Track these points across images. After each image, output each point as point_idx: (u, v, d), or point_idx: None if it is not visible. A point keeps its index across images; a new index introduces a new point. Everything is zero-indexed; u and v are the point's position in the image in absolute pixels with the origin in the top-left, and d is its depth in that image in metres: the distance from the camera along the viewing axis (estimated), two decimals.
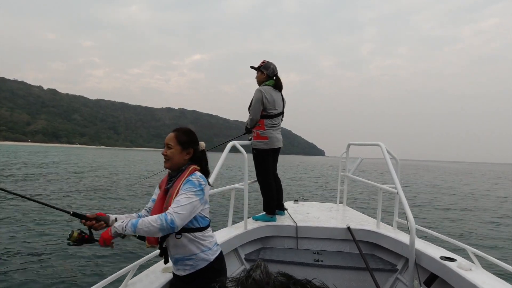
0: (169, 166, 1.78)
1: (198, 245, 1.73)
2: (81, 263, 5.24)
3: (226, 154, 3.11)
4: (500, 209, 13.17)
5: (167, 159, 1.76)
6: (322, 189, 18.08)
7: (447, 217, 10.77)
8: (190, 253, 1.72)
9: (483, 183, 28.54)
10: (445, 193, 18.94)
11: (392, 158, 3.28)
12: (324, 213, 4.03)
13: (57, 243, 6.13)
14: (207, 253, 1.75)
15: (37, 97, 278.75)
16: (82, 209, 9.39)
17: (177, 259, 1.76)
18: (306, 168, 42.37)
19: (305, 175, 27.48)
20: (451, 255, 2.45)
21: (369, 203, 12.16)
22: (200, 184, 1.67)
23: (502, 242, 7.76)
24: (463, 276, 2.09)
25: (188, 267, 1.74)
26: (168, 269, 2.10)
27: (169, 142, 1.76)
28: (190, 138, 1.80)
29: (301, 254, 3.22)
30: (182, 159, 1.77)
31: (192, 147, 1.79)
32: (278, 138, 3.55)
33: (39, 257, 5.37)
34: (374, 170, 38.08)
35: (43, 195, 11.59)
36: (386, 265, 2.98)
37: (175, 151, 1.75)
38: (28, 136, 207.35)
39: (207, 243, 1.76)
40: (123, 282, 1.85)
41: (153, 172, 10.87)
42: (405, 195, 2.80)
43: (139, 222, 1.53)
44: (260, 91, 3.44)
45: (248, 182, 3.28)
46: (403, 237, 2.98)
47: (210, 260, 1.76)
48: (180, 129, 1.82)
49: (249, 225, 3.31)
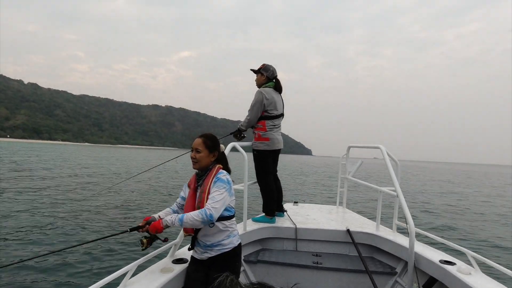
0: (198, 168, 2.05)
1: (226, 232, 2.03)
2: (80, 263, 5.22)
3: (226, 154, 3.06)
4: (488, 210, 13.53)
5: (196, 162, 2.03)
6: (321, 191, 18.10)
7: (445, 221, 10.84)
8: (220, 239, 2.01)
9: (451, 184, 29.27)
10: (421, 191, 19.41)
11: (392, 160, 3.30)
12: (323, 215, 4.04)
13: (56, 242, 6.08)
14: (232, 239, 2.05)
15: (16, 91, 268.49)
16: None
17: (207, 245, 2.03)
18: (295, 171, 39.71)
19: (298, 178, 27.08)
20: (451, 258, 2.46)
21: (369, 206, 12.27)
22: (228, 181, 1.97)
23: (502, 246, 7.85)
24: (462, 280, 2.09)
25: (215, 250, 2.02)
26: (167, 270, 2.10)
27: (198, 147, 2.04)
28: (215, 142, 2.09)
29: (300, 256, 3.20)
30: (209, 161, 2.06)
31: (217, 151, 2.09)
32: (279, 139, 3.53)
33: (36, 258, 5.29)
34: (373, 172, 37.91)
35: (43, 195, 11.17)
36: (385, 268, 2.99)
37: (204, 154, 2.03)
38: (7, 131, 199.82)
39: (233, 231, 2.07)
40: (122, 281, 1.84)
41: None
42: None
43: (184, 217, 1.84)
44: (261, 92, 3.41)
45: (248, 183, 3.25)
46: (402, 240, 3.00)
47: (234, 245, 2.05)
48: (207, 135, 2.09)
49: (249, 226, 3.28)
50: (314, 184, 22.66)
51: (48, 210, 8.79)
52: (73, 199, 10.68)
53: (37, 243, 5.99)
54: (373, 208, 11.06)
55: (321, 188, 19.79)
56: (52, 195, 11.28)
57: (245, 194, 3.14)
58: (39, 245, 5.89)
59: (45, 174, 18.03)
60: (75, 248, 5.71)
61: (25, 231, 6.69)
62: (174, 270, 2.11)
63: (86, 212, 8.92)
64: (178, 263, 2.24)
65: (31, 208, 8.90)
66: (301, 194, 16.07)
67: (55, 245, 5.99)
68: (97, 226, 7.48)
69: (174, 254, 2.39)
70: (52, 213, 8.51)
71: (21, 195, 10.77)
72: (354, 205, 11.74)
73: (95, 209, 9.39)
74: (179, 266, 2.19)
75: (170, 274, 2.05)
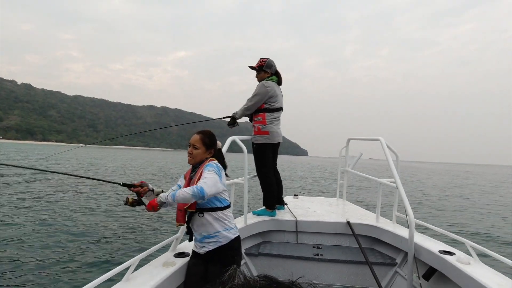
0: (193, 163, 2.09)
1: (220, 223, 1.99)
2: (82, 257, 5.23)
3: (226, 149, 3.05)
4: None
5: (192, 157, 2.06)
6: (321, 186, 18.03)
7: (445, 212, 10.93)
8: (214, 230, 1.98)
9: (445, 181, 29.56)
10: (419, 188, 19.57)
11: (392, 152, 3.32)
12: (323, 208, 4.05)
13: (59, 239, 6.08)
14: (229, 231, 2.02)
15: (9, 92, 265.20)
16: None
17: (203, 237, 2.01)
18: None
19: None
20: (450, 249, 2.48)
21: (369, 198, 12.29)
22: (217, 166, 1.99)
23: (501, 236, 7.97)
24: (461, 269, 2.11)
25: (212, 244, 2.00)
26: (168, 263, 2.10)
27: (195, 143, 2.06)
28: (212, 140, 2.12)
29: (301, 248, 3.21)
30: (204, 157, 2.09)
31: (213, 148, 2.12)
32: (278, 132, 3.53)
33: (41, 252, 5.35)
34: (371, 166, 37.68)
35: None
36: (386, 259, 3.01)
37: (200, 151, 2.06)
38: (0, 133, 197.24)
39: (229, 223, 2.04)
40: (125, 275, 1.84)
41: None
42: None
43: (177, 192, 1.84)
44: (264, 85, 3.40)
45: (248, 177, 3.25)
46: (402, 231, 3.02)
47: (231, 238, 2.01)
48: (205, 132, 2.12)
49: (249, 219, 3.29)
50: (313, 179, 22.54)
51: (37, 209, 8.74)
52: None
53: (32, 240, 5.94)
54: (373, 200, 11.09)
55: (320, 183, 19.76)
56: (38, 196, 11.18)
57: (245, 188, 3.14)
58: (36, 242, 5.83)
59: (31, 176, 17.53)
60: (77, 243, 5.73)
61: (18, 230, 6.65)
62: (176, 264, 2.12)
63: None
64: (180, 257, 2.24)
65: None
66: (300, 187, 16.03)
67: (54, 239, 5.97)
68: None
69: (176, 248, 2.39)
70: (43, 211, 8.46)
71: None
72: (354, 197, 11.76)
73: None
74: (181, 260, 2.19)
75: (172, 268, 2.05)
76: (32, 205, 9.14)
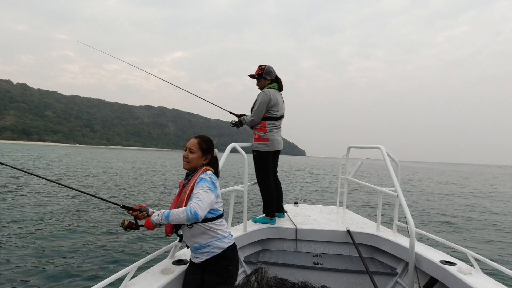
0: (188, 168, 2.05)
1: (212, 233, 1.97)
2: (80, 264, 5.19)
3: (226, 155, 3.03)
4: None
5: (187, 162, 2.02)
6: (321, 192, 18.05)
7: (446, 221, 10.89)
8: (206, 241, 1.97)
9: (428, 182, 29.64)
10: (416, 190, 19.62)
11: (392, 160, 3.31)
12: (324, 216, 4.03)
13: (58, 245, 6.04)
14: (222, 241, 1.99)
15: (5, 92, 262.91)
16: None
17: (196, 248, 2.01)
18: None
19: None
20: (451, 259, 2.47)
21: (369, 206, 12.28)
22: (211, 181, 1.93)
23: (503, 247, 7.92)
24: (463, 280, 2.09)
25: (205, 254, 1.99)
26: (167, 271, 2.09)
27: (192, 147, 2.02)
28: (210, 146, 2.07)
29: (301, 257, 3.19)
30: (200, 163, 2.04)
31: (210, 154, 2.07)
32: (279, 140, 3.51)
33: (36, 259, 5.30)
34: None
35: None
36: (386, 268, 2.99)
37: (196, 156, 2.02)
38: None
39: (221, 232, 2.01)
40: (123, 283, 1.82)
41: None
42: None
43: (170, 214, 1.81)
44: (266, 93, 3.39)
45: (248, 184, 3.22)
46: (403, 241, 3.00)
47: (224, 248, 1.99)
48: (203, 137, 2.08)
49: (249, 227, 3.26)
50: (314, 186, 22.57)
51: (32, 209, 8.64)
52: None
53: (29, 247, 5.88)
54: (373, 208, 11.08)
55: (321, 190, 19.77)
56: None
57: (245, 195, 3.12)
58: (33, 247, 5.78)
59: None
60: (75, 249, 5.68)
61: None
62: (174, 271, 2.10)
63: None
64: (178, 264, 2.22)
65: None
66: (300, 194, 16.04)
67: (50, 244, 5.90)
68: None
69: (175, 255, 2.37)
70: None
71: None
72: (354, 205, 11.75)
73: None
74: (179, 267, 2.17)
75: (170, 275, 2.04)
76: (26, 210, 9.02)
